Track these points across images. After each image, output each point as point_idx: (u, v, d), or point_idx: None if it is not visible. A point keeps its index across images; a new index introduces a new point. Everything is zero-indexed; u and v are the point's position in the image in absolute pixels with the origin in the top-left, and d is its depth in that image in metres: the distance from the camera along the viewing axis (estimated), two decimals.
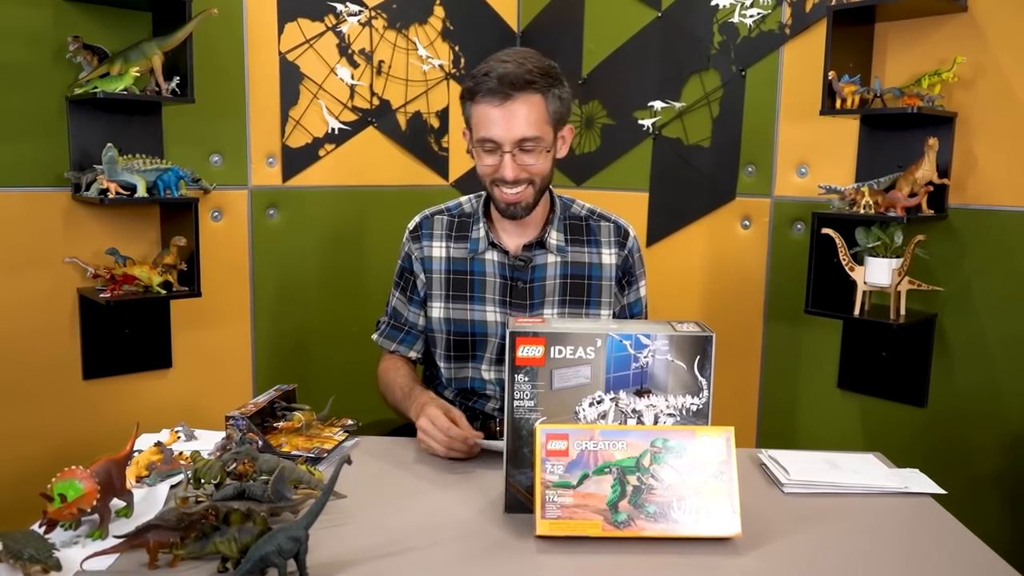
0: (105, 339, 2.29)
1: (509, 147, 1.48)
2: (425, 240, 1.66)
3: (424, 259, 1.66)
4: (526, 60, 1.48)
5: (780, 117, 2.41)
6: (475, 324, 1.62)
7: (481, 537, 1.14)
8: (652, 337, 1.17)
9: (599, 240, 1.65)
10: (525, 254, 1.61)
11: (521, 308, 1.61)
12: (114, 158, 2.07)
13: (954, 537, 1.18)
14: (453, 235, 1.65)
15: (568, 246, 1.63)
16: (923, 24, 2.13)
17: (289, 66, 2.57)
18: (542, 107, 1.48)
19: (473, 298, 1.62)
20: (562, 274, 1.62)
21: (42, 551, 0.99)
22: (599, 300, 1.64)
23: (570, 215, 1.66)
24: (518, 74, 1.45)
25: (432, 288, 1.65)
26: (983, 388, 2.11)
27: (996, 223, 2.06)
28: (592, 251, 1.64)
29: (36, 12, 2.10)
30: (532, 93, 1.47)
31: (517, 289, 1.61)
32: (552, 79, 1.50)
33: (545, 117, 1.49)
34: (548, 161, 1.52)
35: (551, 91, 1.49)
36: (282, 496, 1.16)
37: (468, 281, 1.62)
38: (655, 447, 1.14)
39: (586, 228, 1.66)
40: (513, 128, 1.47)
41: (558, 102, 1.51)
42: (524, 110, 1.46)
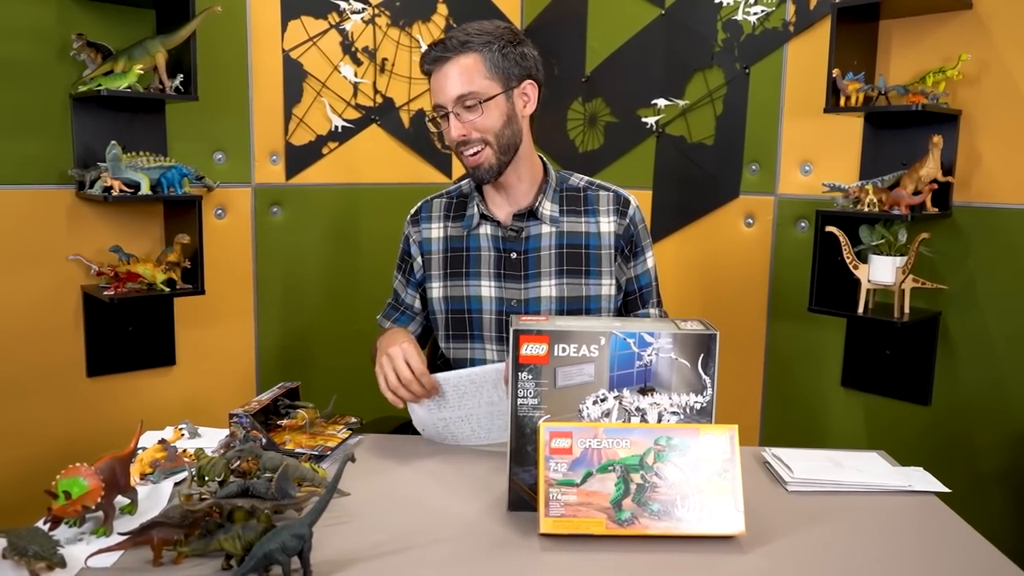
0: (109, 336, 2.30)
1: (451, 107, 1.50)
2: (424, 223, 1.67)
3: (422, 242, 1.67)
4: (470, 25, 1.53)
5: (784, 115, 2.40)
6: (471, 300, 1.61)
7: (485, 535, 1.14)
8: (656, 335, 1.17)
9: (597, 209, 1.62)
10: (516, 224, 1.59)
11: (515, 280, 1.59)
12: (118, 156, 2.07)
13: (958, 535, 1.18)
14: (451, 215, 1.66)
15: (564, 216, 1.61)
16: (928, 21, 2.12)
17: (292, 64, 2.57)
18: (478, 63, 1.50)
19: (468, 274, 1.61)
20: (557, 244, 1.60)
21: (47, 548, 0.99)
22: (599, 270, 1.60)
23: (567, 187, 1.65)
24: (453, 38, 1.50)
25: (431, 269, 1.65)
26: (987, 386, 2.10)
27: (1000, 221, 2.05)
28: (590, 220, 1.61)
29: (40, 9, 2.10)
30: (466, 52, 1.49)
31: (511, 260, 1.59)
32: (494, 37, 1.51)
33: (482, 71, 1.50)
34: (496, 116, 1.51)
35: (488, 47, 1.50)
36: (286, 493, 1.16)
37: (464, 257, 1.62)
38: (659, 445, 1.13)
39: (584, 198, 1.63)
40: (448, 87, 1.49)
41: (500, 57, 1.51)
42: (456, 68, 1.49)
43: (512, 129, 1.54)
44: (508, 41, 1.52)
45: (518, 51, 1.53)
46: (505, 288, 1.59)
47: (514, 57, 1.53)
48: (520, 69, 1.54)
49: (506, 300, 1.59)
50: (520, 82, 1.54)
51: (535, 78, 1.57)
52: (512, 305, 1.59)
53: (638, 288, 1.66)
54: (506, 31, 1.54)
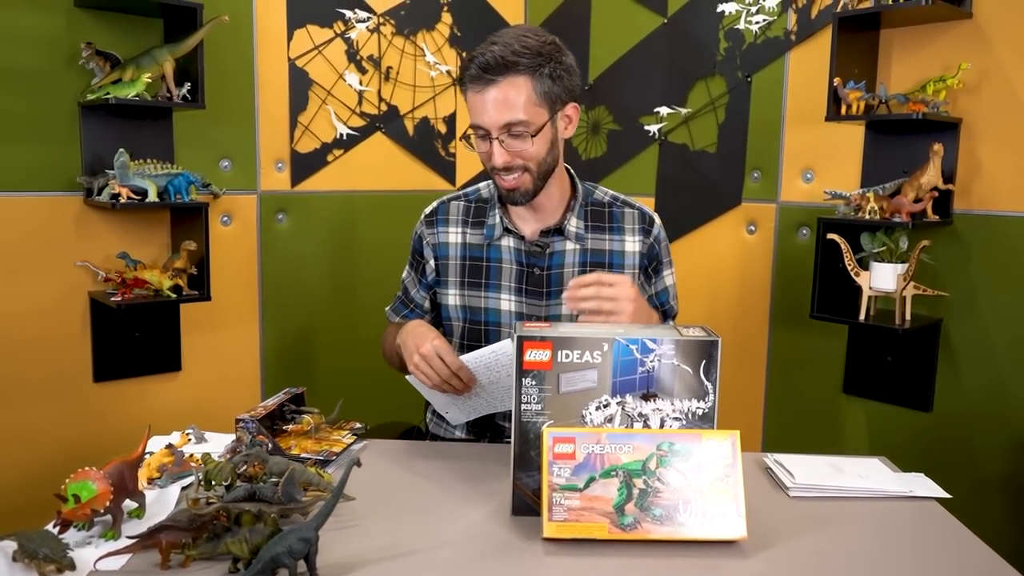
0: (116, 342, 2.31)
1: (496, 133, 1.43)
2: (440, 226, 1.63)
3: (438, 245, 1.63)
4: (515, 40, 1.41)
5: (786, 123, 2.41)
6: (489, 312, 1.59)
7: (488, 539, 1.15)
8: (658, 341, 1.18)
9: (622, 227, 1.59)
10: (542, 240, 1.56)
11: (537, 296, 1.56)
12: (126, 163, 2.09)
13: (959, 541, 1.19)
14: (470, 221, 1.61)
15: (588, 233, 1.58)
16: (928, 31, 2.14)
17: (298, 72, 2.59)
18: (528, 89, 1.41)
19: (488, 285, 1.58)
20: (581, 262, 1.56)
21: (56, 551, 1.00)
22: None
23: (592, 201, 1.61)
24: (501, 56, 1.39)
25: (447, 275, 1.62)
26: (988, 393, 2.11)
27: (1001, 228, 2.06)
28: (614, 238, 1.58)
29: (50, 18, 2.13)
30: (516, 75, 1.40)
31: (533, 276, 1.56)
32: (543, 57, 1.42)
33: (533, 99, 1.42)
34: (542, 145, 1.46)
35: (540, 71, 1.41)
36: (292, 498, 1.17)
37: (484, 268, 1.59)
38: (661, 451, 1.14)
39: (608, 215, 1.60)
40: (497, 114, 1.41)
41: (550, 81, 1.43)
42: (507, 94, 1.40)
43: (554, 154, 1.49)
44: (556, 62, 1.44)
45: (566, 75, 1.46)
46: (526, 303, 1.56)
47: (561, 78, 1.45)
48: (566, 92, 1.47)
49: (527, 315, 1.56)
50: (564, 104, 1.48)
51: (578, 98, 1.52)
52: (531, 320, 1.56)
53: (659, 305, 1.64)
54: (553, 47, 1.45)
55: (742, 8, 2.46)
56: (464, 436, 1.66)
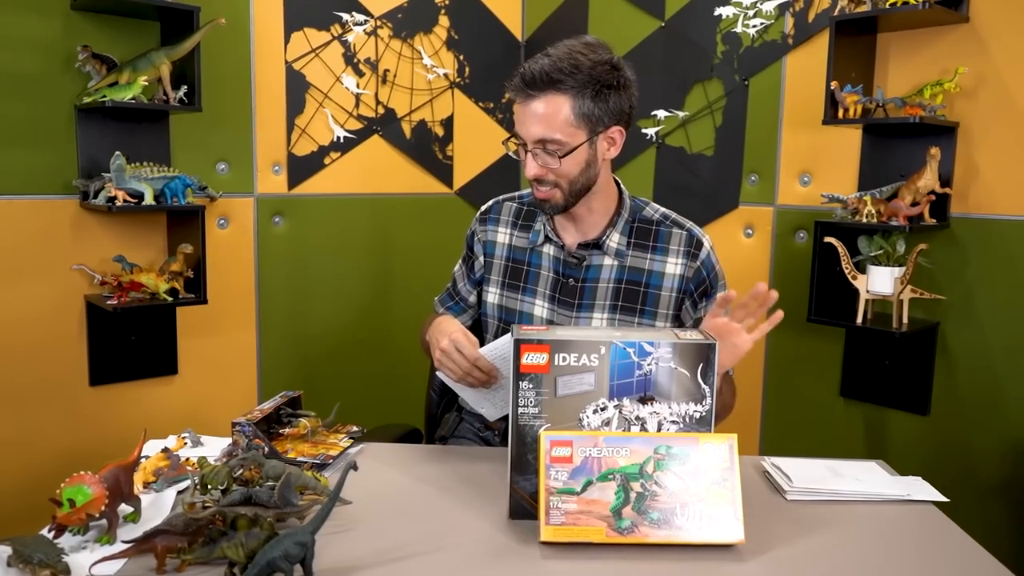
0: (112, 346, 2.31)
1: (531, 146, 1.43)
2: (491, 224, 1.66)
3: (487, 243, 1.65)
4: (566, 56, 1.40)
5: (783, 126, 2.42)
6: (523, 316, 1.60)
7: (486, 543, 1.15)
8: (655, 345, 1.18)
9: (667, 248, 1.55)
10: (580, 252, 1.55)
11: (568, 307, 1.55)
12: (122, 166, 2.09)
13: (957, 545, 1.19)
14: (519, 223, 1.63)
15: (629, 250, 1.55)
16: (925, 35, 2.14)
17: (295, 75, 2.59)
18: (566, 108, 1.40)
19: (525, 289, 1.60)
20: (617, 278, 1.54)
21: (51, 555, 1.00)
22: (655, 311, 1.53)
23: (640, 218, 1.58)
24: (545, 72, 1.39)
25: (491, 273, 1.64)
26: (986, 396, 2.11)
27: (998, 232, 2.07)
28: (656, 258, 1.55)
29: (46, 21, 2.12)
30: (556, 93, 1.40)
31: (567, 287, 1.55)
32: (590, 78, 1.39)
33: (569, 119, 1.40)
34: (573, 165, 1.44)
35: (581, 91, 1.40)
36: (288, 502, 1.17)
37: (524, 272, 1.60)
38: (658, 454, 1.14)
39: (655, 233, 1.56)
40: (530, 126, 1.42)
41: (591, 103, 1.40)
42: (543, 111, 1.40)
43: (588, 175, 1.47)
44: (604, 85, 1.41)
45: (613, 97, 1.43)
46: (557, 312, 1.56)
47: (607, 101, 1.42)
48: (611, 115, 1.44)
49: (556, 324, 1.56)
50: (608, 127, 1.45)
51: (625, 123, 1.48)
52: None
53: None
54: (605, 71, 1.42)
55: (739, 12, 2.47)
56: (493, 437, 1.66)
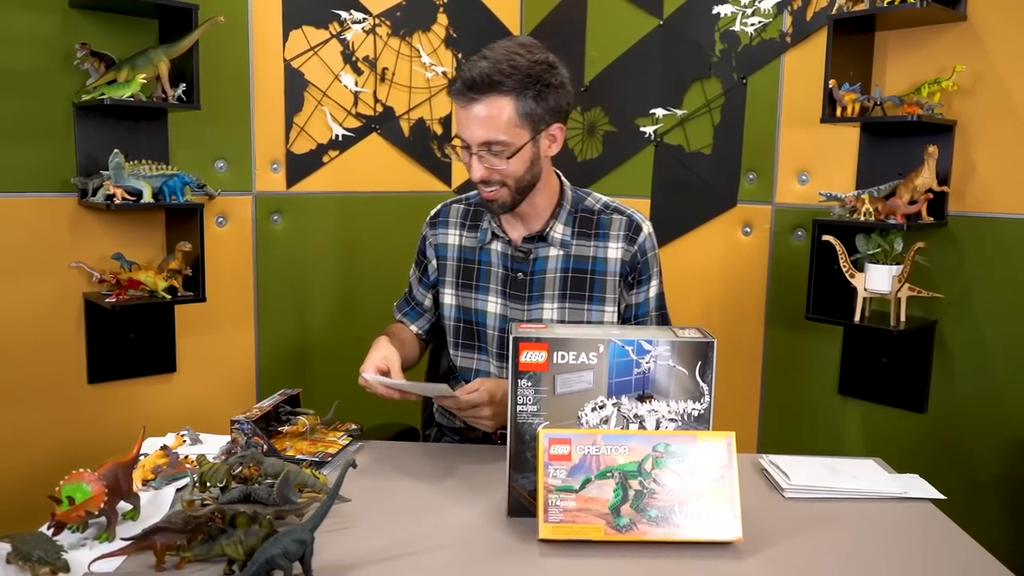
0: (110, 343, 2.31)
1: (475, 148, 1.44)
2: (441, 228, 1.68)
3: (438, 246, 1.68)
4: (504, 58, 1.41)
5: (781, 124, 2.42)
6: (478, 313, 1.62)
7: (484, 540, 1.15)
8: (654, 343, 1.18)
9: (608, 234, 1.58)
10: (526, 246, 1.58)
11: (519, 300, 1.58)
12: (120, 164, 2.09)
13: (954, 542, 1.19)
14: (467, 224, 1.65)
15: (574, 239, 1.57)
16: (923, 33, 2.15)
17: (294, 73, 2.59)
18: (509, 109, 1.41)
19: (478, 287, 1.62)
20: (563, 268, 1.57)
21: (50, 553, 1.00)
22: (603, 296, 1.57)
23: (582, 208, 1.60)
24: (485, 75, 1.39)
25: (445, 275, 1.66)
26: (983, 394, 2.12)
27: (995, 230, 2.07)
28: (599, 244, 1.57)
29: (44, 19, 2.12)
30: (499, 95, 1.40)
31: (517, 281, 1.58)
32: (530, 78, 1.41)
33: (513, 120, 1.41)
34: (520, 164, 1.45)
35: (525, 91, 1.41)
36: (287, 499, 1.17)
37: (476, 270, 1.63)
38: (657, 452, 1.15)
39: (596, 221, 1.59)
40: (477, 131, 1.43)
41: (533, 103, 1.42)
42: (486, 113, 1.41)
43: (533, 172, 1.49)
44: (544, 84, 1.43)
45: (552, 95, 1.44)
46: (509, 307, 1.59)
47: (547, 100, 1.44)
48: (551, 112, 1.46)
49: (509, 319, 1.59)
50: (549, 125, 1.47)
51: (563, 121, 1.50)
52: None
53: (634, 316, 1.61)
54: (544, 69, 1.43)
55: (738, 10, 2.47)
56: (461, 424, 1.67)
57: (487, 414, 1.42)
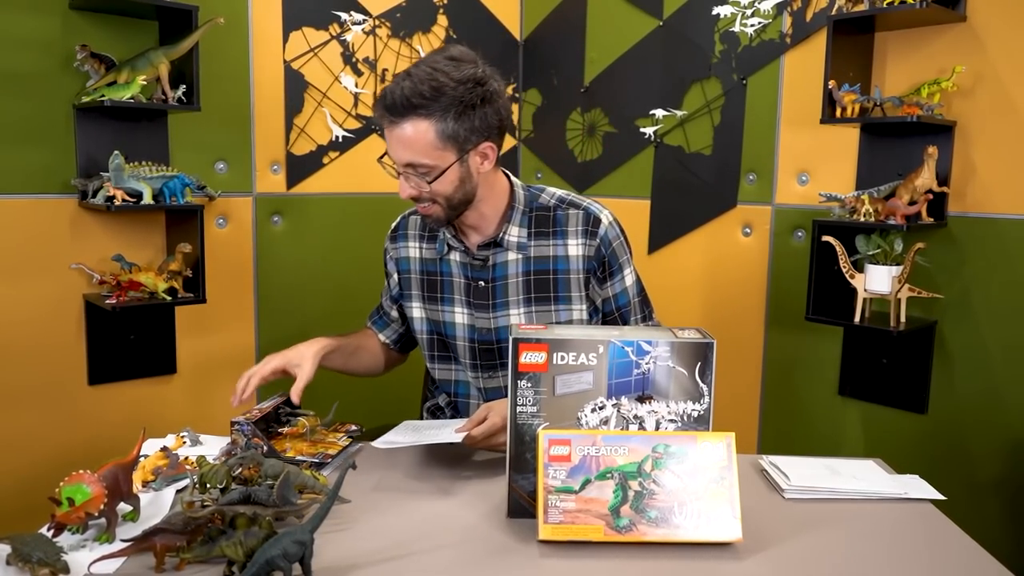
0: (111, 345, 2.31)
1: (400, 169, 1.42)
2: (401, 241, 1.65)
3: (399, 260, 1.65)
4: (426, 79, 1.35)
5: (781, 125, 2.42)
6: (446, 326, 1.60)
7: (484, 541, 1.15)
8: (654, 343, 1.18)
9: (566, 231, 1.52)
10: (482, 253, 1.54)
11: (484, 308, 1.55)
12: (120, 165, 2.09)
13: (954, 543, 1.19)
14: (426, 235, 1.62)
15: (531, 240, 1.53)
16: (922, 34, 2.15)
17: (294, 74, 2.59)
18: (430, 132, 1.36)
19: (443, 299, 1.60)
20: (524, 271, 1.53)
21: (50, 554, 1.00)
22: (568, 295, 1.53)
23: (537, 206, 1.55)
24: (405, 97, 1.35)
25: (411, 288, 1.64)
26: (983, 395, 2.12)
27: (995, 231, 2.07)
28: (558, 243, 1.53)
29: (44, 21, 2.12)
30: (418, 118, 1.36)
31: (479, 289, 1.55)
32: (451, 99, 1.35)
33: (434, 142, 1.37)
34: (447, 184, 1.41)
35: (443, 114, 1.35)
36: (287, 500, 1.17)
37: (438, 282, 1.60)
38: (657, 453, 1.15)
39: (553, 219, 1.54)
40: (398, 152, 1.40)
41: (455, 124, 1.36)
42: (406, 136, 1.37)
43: (465, 190, 1.44)
44: (468, 104, 1.37)
45: (478, 115, 1.38)
46: (475, 316, 1.56)
47: (470, 120, 1.38)
48: (477, 132, 1.39)
49: (477, 328, 1.57)
50: (477, 144, 1.41)
51: (495, 138, 1.44)
52: (483, 333, 1.56)
53: (616, 308, 1.58)
54: (468, 90, 1.37)
55: (737, 11, 2.47)
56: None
57: (504, 440, 1.35)
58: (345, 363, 1.66)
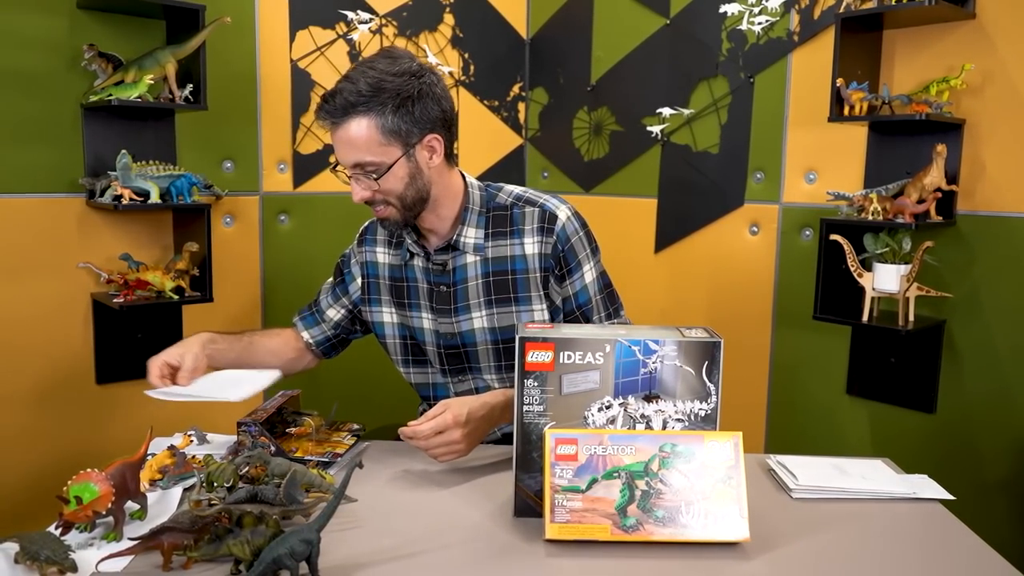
0: (118, 344, 2.31)
1: (349, 171, 1.42)
2: (368, 245, 1.63)
3: (367, 263, 1.63)
4: (361, 78, 1.37)
5: (788, 124, 2.41)
6: (415, 331, 1.59)
7: (490, 541, 1.15)
8: (661, 343, 1.18)
9: (522, 229, 1.50)
10: (440, 257, 1.52)
11: (446, 313, 1.53)
12: (128, 164, 2.09)
13: (963, 543, 1.18)
14: (393, 241, 1.60)
15: (488, 242, 1.50)
16: (931, 31, 2.13)
17: (300, 73, 2.59)
18: (371, 129, 1.37)
19: (411, 305, 1.58)
20: (483, 273, 1.51)
21: (58, 552, 1.00)
22: (528, 295, 1.50)
23: (494, 205, 1.52)
24: (341, 98, 1.36)
25: (379, 293, 1.62)
26: (992, 394, 2.10)
27: (1005, 229, 2.06)
28: (515, 242, 1.50)
29: (52, 20, 2.13)
30: (359, 116, 1.36)
31: (441, 294, 1.53)
32: (389, 94, 1.36)
33: (377, 138, 1.37)
34: (395, 181, 1.40)
35: (381, 109, 1.36)
36: (294, 499, 1.17)
37: (405, 288, 1.58)
38: (664, 452, 1.14)
39: (510, 218, 1.51)
40: (344, 153, 1.40)
41: (395, 118, 1.37)
42: (349, 135, 1.38)
43: (417, 186, 1.43)
44: (406, 96, 1.37)
45: (418, 106, 1.38)
46: (439, 322, 1.55)
47: (411, 113, 1.38)
48: (421, 125, 1.40)
49: (442, 333, 1.55)
50: (422, 137, 1.41)
51: (440, 130, 1.43)
52: (448, 338, 1.55)
53: (577, 307, 1.53)
54: (405, 82, 1.37)
55: (745, 9, 2.46)
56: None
57: (457, 437, 1.34)
58: (238, 358, 1.62)
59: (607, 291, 1.58)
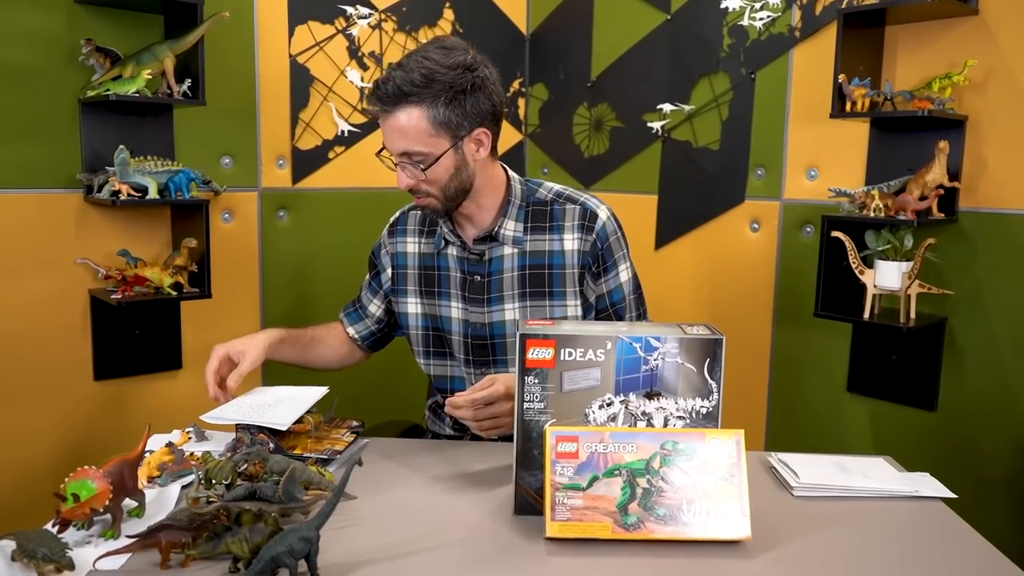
0: (116, 340, 2.31)
1: (396, 159, 1.43)
2: (399, 236, 1.65)
3: (396, 255, 1.65)
4: (417, 67, 1.37)
5: (790, 120, 2.40)
6: (442, 320, 1.59)
7: (491, 538, 1.14)
8: (662, 340, 1.17)
9: (562, 225, 1.53)
10: (478, 247, 1.54)
11: (479, 303, 1.54)
12: (126, 160, 2.08)
13: (965, 541, 1.18)
14: (425, 230, 1.62)
15: (527, 235, 1.53)
16: (934, 27, 2.13)
17: (299, 68, 2.58)
18: (423, 119, 1.38)
19: (440, 294, 1.59)
20: (520, 265, 1.53)
21: (55, 550, 1.00)
22: (563, 291, 1.52)
23: (534, 200, 1.55)
24: (396, 85, 1.37)
25: (406, 284, 1.63)
26: (994, 392, 2.10)
27: (1007, 226, 2.05)
28: (554, 238, 1.53)
29: (49, 15, 2.12)
30: (410, 106, 1.37)
31: (475, 284, 1.54)
32: (442, 85, 1.37)
33: (427, 129, 1.38)
34: (441, 172, 1.42)
35: (434, 100, 1.37)
36: (293, 497, 1.17)
37: (436, 277, 1.59)
38: (665, 450, 1.14)
39: (550, 213, 1.54)
40: (390, 141, 1.42)
41: (447, 110, 1.38)
42: (399, 124, 1.39)
43: (461, 178, 1.45)
44: (459, 90, 1.38)
45: (469, 100, 1.40)
46: (470, 311, 1.55)
47: (463, 105, 1.39)
48: (470, 118, 1.41)
49: (471, 323, 1.56)
50: (471, 131, 1.42)
51: (489, 124, 1.45)
52: (476, 328, 1.55)
53: (610, 304, 1.57)
54: (459, 75, 1.38)
55: (746, 4, 2.45)
56: (452, 432, 1.67)
57: (507, 409, 1.34)
58: (299, 355, 1.66)
59: (638, 292, 1.62)
